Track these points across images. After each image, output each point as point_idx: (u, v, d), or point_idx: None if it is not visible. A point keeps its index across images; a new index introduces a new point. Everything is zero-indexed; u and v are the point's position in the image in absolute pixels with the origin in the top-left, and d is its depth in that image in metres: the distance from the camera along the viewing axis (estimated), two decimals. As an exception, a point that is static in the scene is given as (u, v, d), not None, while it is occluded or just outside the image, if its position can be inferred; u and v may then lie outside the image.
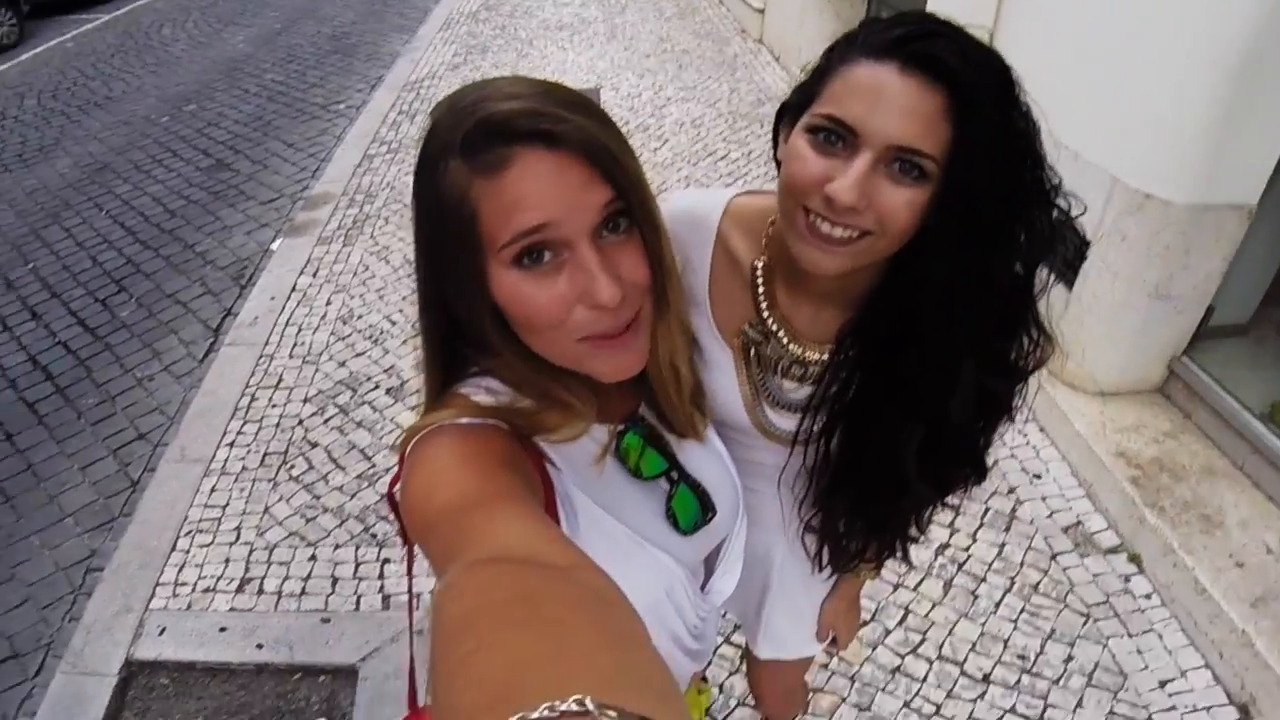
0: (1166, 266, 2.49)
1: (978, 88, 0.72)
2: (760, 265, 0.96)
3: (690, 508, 0.89)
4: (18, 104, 7.07)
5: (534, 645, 0.39)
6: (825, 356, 0.95)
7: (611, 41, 7.19)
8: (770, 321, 0.96)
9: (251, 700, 2.21)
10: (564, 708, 0.32)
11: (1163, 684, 2.13)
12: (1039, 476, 2.70)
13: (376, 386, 3.26)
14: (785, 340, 0.96)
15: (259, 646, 2.29)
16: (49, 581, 2.68)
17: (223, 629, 2.35)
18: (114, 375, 3.58)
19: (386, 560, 2.53)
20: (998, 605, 2.33)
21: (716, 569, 1.02)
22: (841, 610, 1.37)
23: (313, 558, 2.55)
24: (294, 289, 3.94)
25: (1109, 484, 2.53)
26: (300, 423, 3.10)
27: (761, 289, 0.96)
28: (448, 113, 0.65)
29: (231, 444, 3.02)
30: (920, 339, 0.85)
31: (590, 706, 0.32)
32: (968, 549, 2.48)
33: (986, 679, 2.16)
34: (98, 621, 2.40)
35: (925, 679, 2.17)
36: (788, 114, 0.86)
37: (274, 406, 3.19)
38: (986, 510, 2.59)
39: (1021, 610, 2.31)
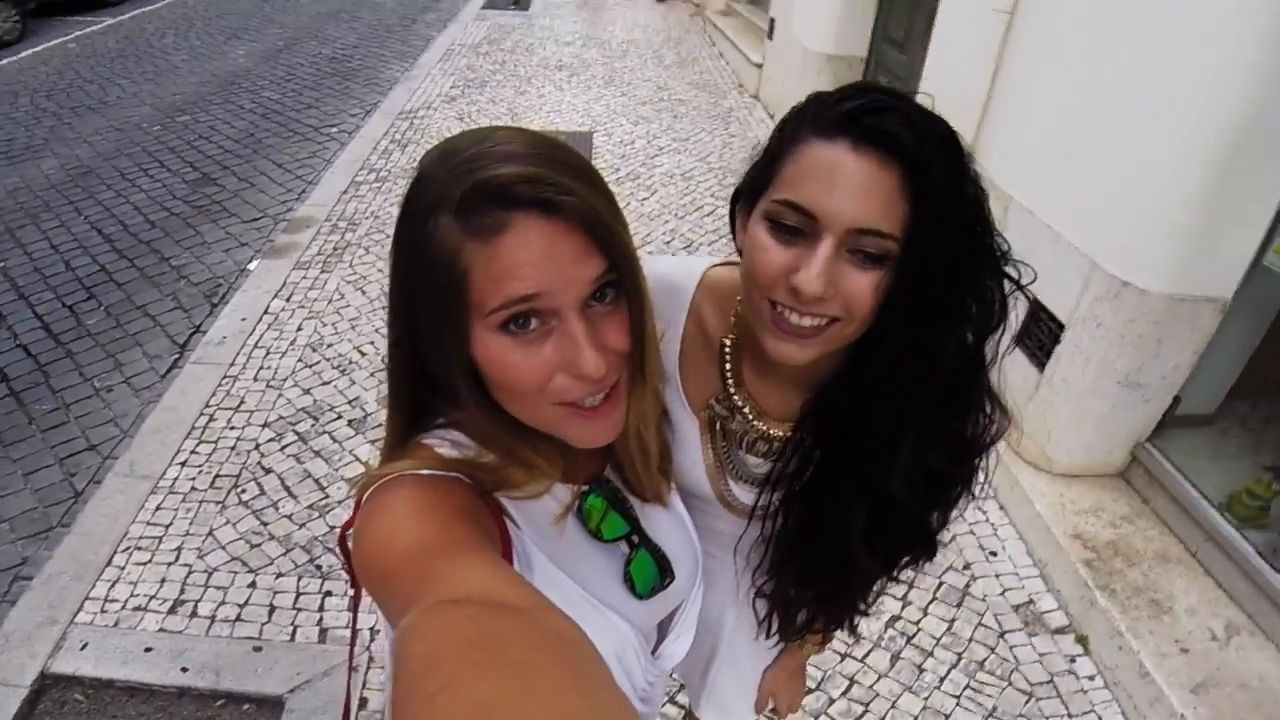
0: (1138, 355, 2.50)
1: (930, 160, 0.71)
2: (729, 343, 0.96)
3: (648, 572, 0.89)
4: (11, 101, 7.05)
5: (500, 686, 0.38)
6: (789, 434, 0.95)
7: (609, 85, 7.28)
8: (736, 398, 0.96)
9: (168, 723, 2.14)
10: None
11: (1102, 772, 2.11)
12: (995, 554, 2.69)
13: (339, 417, 3.21)
14: (751, 417, 0.97)
15: (184, 670, 2.22)
16: (-28, 587, 2.58)
17: (148, 649, 2.27)
18: (72, 383, 3.51)
19: (329, 593, 2.47)
20: (942, 680, 2.30)
21: (669, 634, 1.01)
22: (783, 680, 1.36)
23: (252, 584, 2.49)
24: (266, 311, 3.89)
25: (1063, 565, 2.53)
26: (257, 447, 3.05)
27: (729, 366, 0.96)
28: (440, 164, 0.64)
29: (184, 463, 2.96)
30: (869, 415, 0.84)
31: None
32: (918, 622, 2.46)
33: (926, 757, 2.13)
34: (17, 631, 2.32)
35: (865, 753, 2.14)
36: (742, 198, 0.85)
37: (232, 429, 3.14)
38: (940, 585, 2.57)
39: (966, 686, 2.29)
